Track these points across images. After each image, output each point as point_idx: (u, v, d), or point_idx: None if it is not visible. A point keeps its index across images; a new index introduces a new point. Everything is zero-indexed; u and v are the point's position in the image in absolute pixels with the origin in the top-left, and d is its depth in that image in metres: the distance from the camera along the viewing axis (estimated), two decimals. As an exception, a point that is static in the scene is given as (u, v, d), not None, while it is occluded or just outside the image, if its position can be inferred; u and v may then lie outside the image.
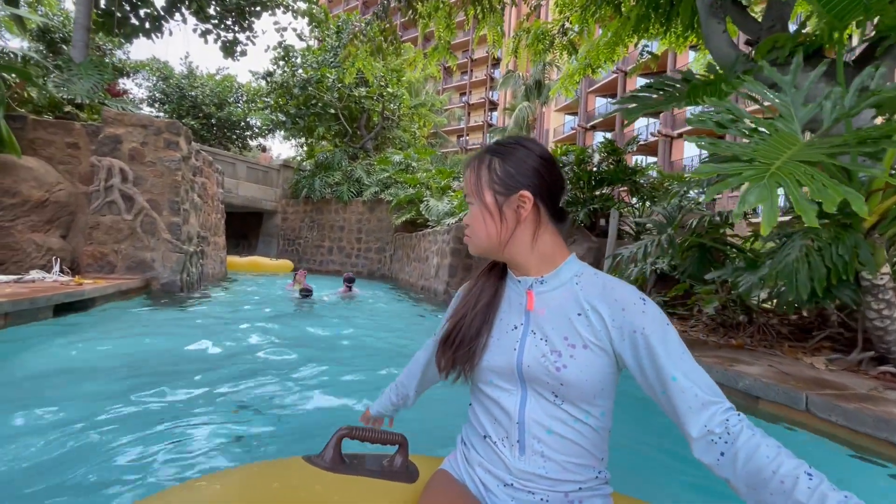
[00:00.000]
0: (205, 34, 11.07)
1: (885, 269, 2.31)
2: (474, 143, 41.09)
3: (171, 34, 10.61)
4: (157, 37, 10.41)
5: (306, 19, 12.10)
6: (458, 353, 0.81)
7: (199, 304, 5.46)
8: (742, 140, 1.66)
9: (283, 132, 19.01)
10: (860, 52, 2.76)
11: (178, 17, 10.41)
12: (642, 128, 26.01)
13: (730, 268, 3.34)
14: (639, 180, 7.82)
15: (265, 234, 16.12)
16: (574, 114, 32.21)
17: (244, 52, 11.80)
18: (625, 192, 10.03)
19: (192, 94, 20.50)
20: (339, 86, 14.39)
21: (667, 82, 2.45)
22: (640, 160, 14.55)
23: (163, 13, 10.26)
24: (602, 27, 8.55)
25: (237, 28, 11.23)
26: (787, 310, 2.83)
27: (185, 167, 6.09)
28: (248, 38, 11.53)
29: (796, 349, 2.95)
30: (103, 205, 5.51)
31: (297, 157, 19.42)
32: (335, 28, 14.77)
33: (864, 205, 1.26)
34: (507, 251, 0.80)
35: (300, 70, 14.98)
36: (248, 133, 21.89)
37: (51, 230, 5.41)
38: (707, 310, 3.19)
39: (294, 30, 12.28)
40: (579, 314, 0.74)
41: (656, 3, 6.02)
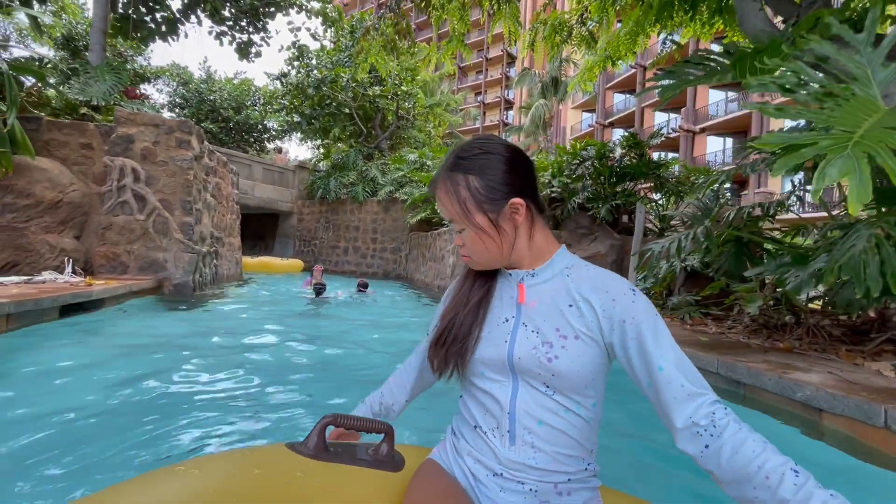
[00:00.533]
0: (220, 36, 11.11)
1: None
2: (490, 142, 40.75)
3: (186, 36, 10.68)
4: (172, 39, 10.47)
5: (320, 19, 12.05)
6: (451, 350, 0.81)
7: (210, 304, 5.36)
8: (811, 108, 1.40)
9: (299, 134, 19.09)
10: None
11: (193, 19, 10.46)
12: (662, 123, 25.35)
13: (772, 263, 3.03)
14: (663, 175, 7.46)
15: (281, 235, 16.17)
16: (591, 110, 31.62)
17: (259, 54, 11.81)
18: (646, 189, 9.67)
19: (211, 98, 20.79)
20: (354, 85, 14.31)
21: (708, 56, 2.19)
22: (661, 156, 14.09)
23: (179, 16, 10.32)
24: (622, 17, 8.22)
25: (251, 29, 11.24)
26: (850, 309, 2.53)
27: (197, 166, 6.02)
28: (262, 38, 11.54)
29: (854, 353, 2.64)
30: (116, 205, 5.47)
31: (314, 160, 19.48)
32: (349, 28, 14.71)
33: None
34: (511, 258, 0.80)
35: (314, 71, 14.97)
36: (265, 136, 22.10)
37: (64, 231, 5.38)
38: (750, 310, 2.91)
39: (308, 29, 12.23)
40: (570, 305, 0.75)
41: (682, -14, 5.68)
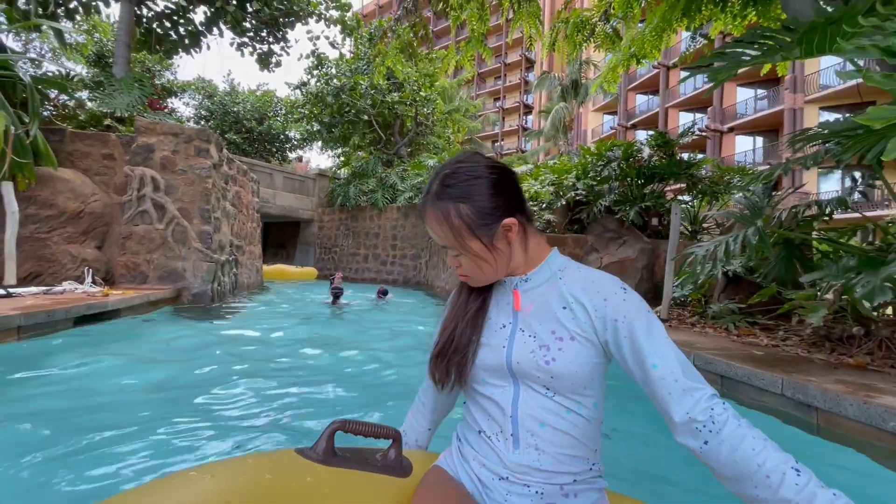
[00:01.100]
0: (241, 47, 11.25)
1: None
2: (509, 147, 40.49)
3: (208, 48, 10.85)
4: (195, 52, 10.65)
5: (339, 27, 12.09)
6: (451, 361, 0.82)
7: (227, 314, 5.27)
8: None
9: (319, 143, 19.25)
10: None
11: (214, 31, 10.62)
12: (687, 123, 24.59)
13: (833, 268, 2.70)
14: (696, 175, 7.07)
15: (302, 242, 16.24)
16: (613, 113, 31.00)
17: (279, 63, 11.92)
18: (673, 191, 9.24)
19: (235, 109, 21.21)
20: (372, 92, 14.32)
21: (765, 33, 1.92)
22: (690, 157, 13.52)
23: (201, 28, 10.50)
24: (647, 13, 7.89)
25: (271, 39, 11.35)
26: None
27: (215, 174, 5.98)
28: (281, 48, 11.64)
29: (941, 371, 2.28)
30: (136, 214, 5.46)
31: (334, 168, 19.61)
32: (367, 36, 14.76)
33: None
34: (509, 270, 0.81)
35: (334, 80, 15.05)
36: (287, 145, 22.41)
37: (86, 241, 5.39)
38: (812, 320, 2.58)
39: (326, 38, 12.29)
40: (564, 307, 0.76)
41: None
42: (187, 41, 10.46)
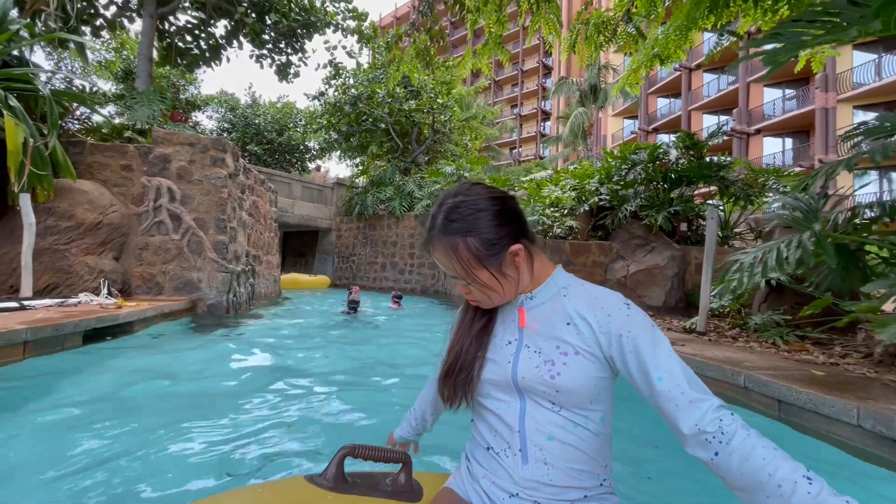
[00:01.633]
0: (259, 58, 11.38)
1: None
2: (527, 154, 40.18)
3: (228, 61, 11.00)
4: (215, 64, 10.81)
5: (356, 37, 12.13)
6: (458, 379, 0.83)
7: (241, 326, 5.16)
8: None
9: (338, 153, 19.37)
10: None
11: (234, 43, 10.76)
12: (711, 126, 23.89)
13: (901, 277, 2.39)
14: (728, 177, 6.69)
15: (321, 251, 16.27)
16: (633, 117, 30.45)
17: (297, 74, 12.01)
18: (698, 196, 8.83)
19: (256, 122, 21.58)
20: (389, 100, 14.30)
21: (830, 9, 1.67)
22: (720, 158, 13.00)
23: (221, 41, 10.65)
24: (673, 8, 7.59)
25: (289, 50, 11.44)
26: None
27: (231, 184, 5.93)
28: (299, 59, 11.73)
29: None
30: (152, 225, 5.44)
31: (352, 176, 19.68)
32: (384, 45, 14.80)
33: None
34: (518, 291, 0.83)
35: (351, 89, 15.12)
36: (307, 156, 22.67)
37: (104, 252, 5.38)
38: (884, 336, 2.27)
39: (343, 48, 12.34)
40: (568, 324, 0.77)
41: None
42: (208, 54, 10.62)
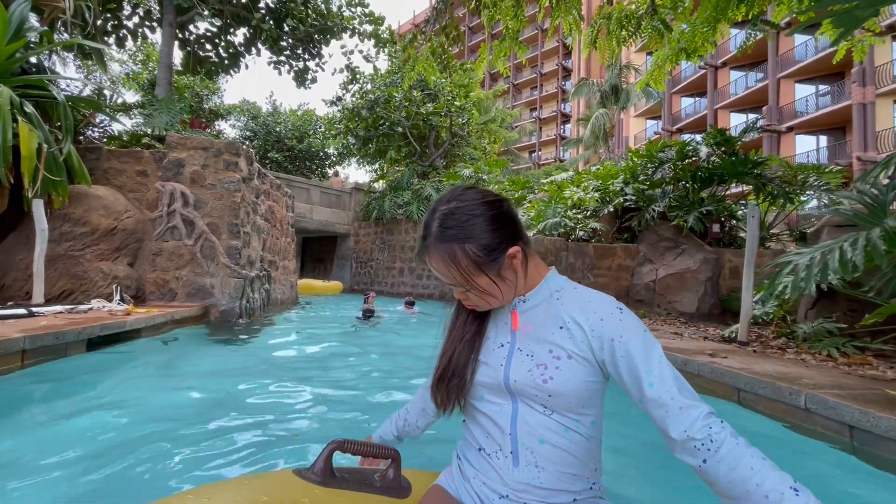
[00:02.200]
0: (277, 65, 11.43)
1: None
2: (547, 157, 39.68)
3: (247, 68, 11.07)
4: (234, 72, 10.90)
5: (372, 41, 12.08)
6: (451, 385, 0.83)
7: (253, 333, 5.03)
8: None
9: (356, 158, 19.39)
10: None
11: (252, 50, 10.83)
12: (740, 125, 23.05)
13: None
14: (765, 174, 6.26)
15: (339, 257, 16.25)
16: (656, 118, 29.70)
17: (314, 80, 12.02)
18: (730, 196, 8.37)
19: (277, 129, 21.86)
20: (406, 104, 14.21)
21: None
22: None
23: (240, 49, 10.74)
24: (701, 0, 7.22)
25: (307, 56, 11.46)
26: None
27: (245, 188, 5.84)
28: (316, 64, 11.74)
29: None
30: (166, 230, 5.38)
31: (370, 182, 19.68)
32: (401, 47, 14.75)
33: None
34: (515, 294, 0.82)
35: (369, 94, 15.10)
36: (326, 162, 22.83)
37: (119, 258, 5.35)
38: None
39: (360, 52, 12.30)
40: (561, 327, 0.77)
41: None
42: (227, 62, 10.73)
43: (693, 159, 6.90)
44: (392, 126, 14.67)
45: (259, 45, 10.79)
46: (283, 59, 11.37)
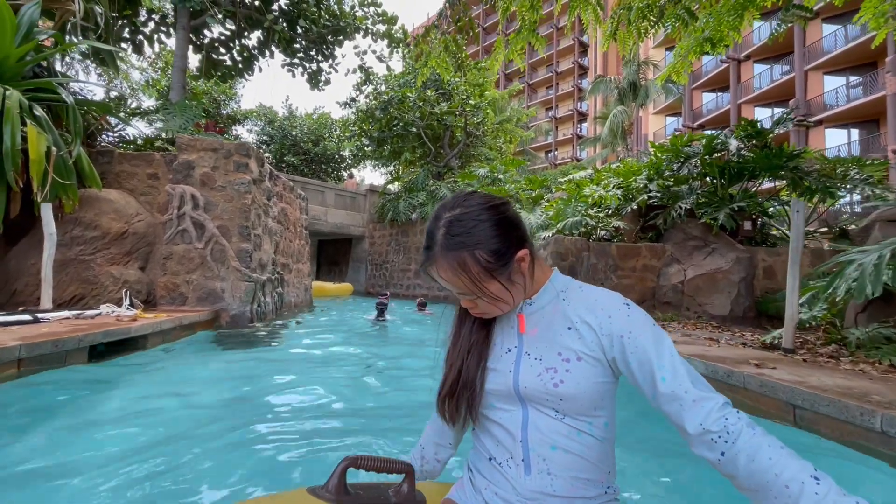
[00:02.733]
0: (291, 67, 11.40)
1: None
2: (563, 157, 39.11)
3: (260, 70, 11.08)
4: (248, 75, 10.90)
5: (385, 41, 11.96)
6: (462, 398, 0.79)
7: (264, 338, 4.89)
8: None
9: (372, 161, 19.32)
10: None
11: (266, 53, 10.81)
12: (766, 119, 22.24)
13: None
14: (802, 168, 5.85)
15: (355, 259, 16.17)
16: (676, 114, 28.93)
17: (328, 81, 11.97)
18: (764, 191, 7.93)
19: (293, 133, 21.99)
20: (420, 104, 14.04)
21: None
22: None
23: (254, 52, 10.73)
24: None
25: (320, 58, 11.40)
26: None
27: (256, 190, 5.73)
28: (330, 66, 11.67)
29: None
30: (176, 233, 5.29)
31: (385, 184, 19.63)
32: (414, 45, 14.62)
33: None
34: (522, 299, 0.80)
35: (383, 95, 14.99)
36: (342, 165, 22.87)
37: (129, 262, 5.28)
38: None
39: (373, 52, 12.19)
40: (569, 328, 0.75)
41: None
42: (241, 65, 10.73)
43: (722, 153, 6.53)
44: (406, 126, 14.52)
45: (272, 48, 10.77)
46: (296, 61, 11.34)
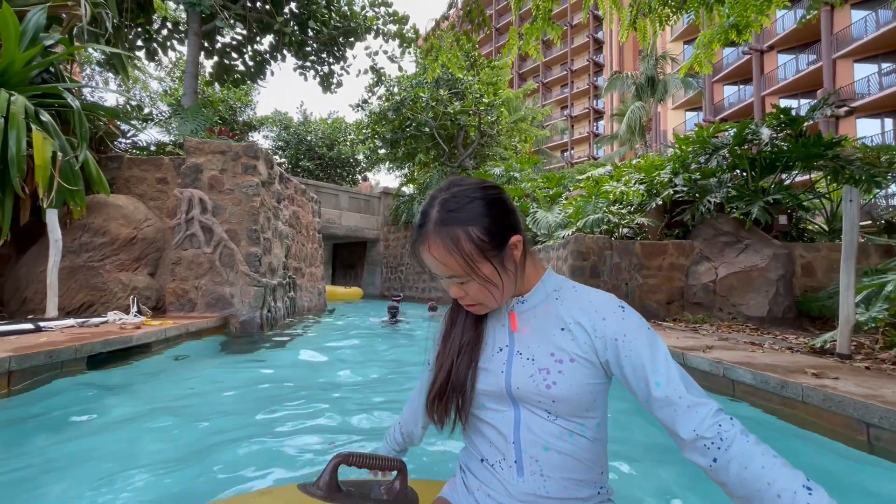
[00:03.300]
0: (303, 70, 11.34)
1: None
2: (580, 156, 38.50)
3: (272, 75, 11.04)
4: (260, 80, 10.87)
5: (397, 41, 11.81)
6: (452, 400, 0.77)
7: (273, 345, 4.73)
8: None
9: (386, 164, 19.23)
10: None
11: (277, 57, 10.77)
12: (794, 110, 21.36)
13: None
14: (843, 157, 5.42)
15: (369, 262, 16.06)
16: (696, 109, 28.13)
17: (340, 84, 11.88)
18: (799, 184, 7.46)
19: (308, 138, 22.10)
20: (433, 104, 13.85)
21: None
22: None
23: (266, 56, 10.70)
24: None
25: (331, 60, 11.32)
26: None
27: (265, 192, 5.59)
28: (341, 68, 11.58)
29: None
30: (184, 238, 5.19)
31: (399, 186, 19.52)
32: (425, 40, 14.45)
33: None
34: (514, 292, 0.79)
35: (395, 96, 14.87)
36: (357, 168, 22.89)
37: (139, 268, 5.20)
38: None
39: (385, 52, 12.05)
40: (562, 329, 0.74)
41: None
42: (253, 70, 10.71)
43: (752, 143, 6.14)
44: (419, 127, 14.35)
45: (284, 51, 10.72)
46: (307, 64, 11.27)
